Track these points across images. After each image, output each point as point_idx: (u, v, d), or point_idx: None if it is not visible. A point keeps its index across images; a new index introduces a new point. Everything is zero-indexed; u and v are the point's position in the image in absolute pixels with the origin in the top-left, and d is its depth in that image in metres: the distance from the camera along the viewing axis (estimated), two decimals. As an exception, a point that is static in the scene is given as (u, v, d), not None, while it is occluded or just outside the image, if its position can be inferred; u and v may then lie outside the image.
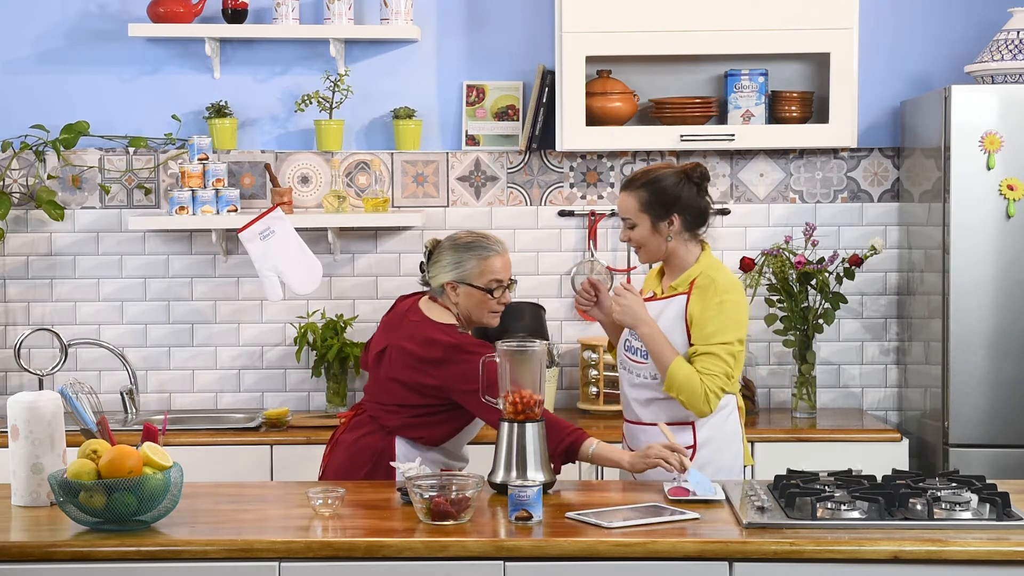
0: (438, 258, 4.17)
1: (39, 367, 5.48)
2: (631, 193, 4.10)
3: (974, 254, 4.92)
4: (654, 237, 4.10)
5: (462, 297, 4.14)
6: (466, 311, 4.16)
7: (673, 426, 4.04)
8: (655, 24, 5.20)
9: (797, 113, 5.37)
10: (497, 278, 4.14)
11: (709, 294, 4.04)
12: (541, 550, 3.37)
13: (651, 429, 4.09)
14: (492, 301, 4.15)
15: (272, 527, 3.56)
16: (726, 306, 4.03)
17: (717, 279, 4.06)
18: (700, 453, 4.06)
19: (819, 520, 3.47)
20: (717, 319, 4.01)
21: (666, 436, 3.83)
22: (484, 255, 4.13)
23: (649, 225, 4.09)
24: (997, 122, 4.90)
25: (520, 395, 3.83)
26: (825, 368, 5.55)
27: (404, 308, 4.25)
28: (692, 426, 4.09)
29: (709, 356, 4.00)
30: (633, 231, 4.12)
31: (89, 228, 5.54)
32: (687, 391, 3.98)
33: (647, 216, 4.08)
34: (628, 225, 4.12)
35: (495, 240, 4.19)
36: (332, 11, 5.37)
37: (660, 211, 4.08)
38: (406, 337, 4.11)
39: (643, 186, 4.10)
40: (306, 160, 5.54)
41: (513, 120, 5.54)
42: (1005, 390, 4.95)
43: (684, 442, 4.05)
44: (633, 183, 4.12)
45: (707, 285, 4.05)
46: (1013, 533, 3.41)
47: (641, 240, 4.11)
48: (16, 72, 5.53)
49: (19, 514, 3.69)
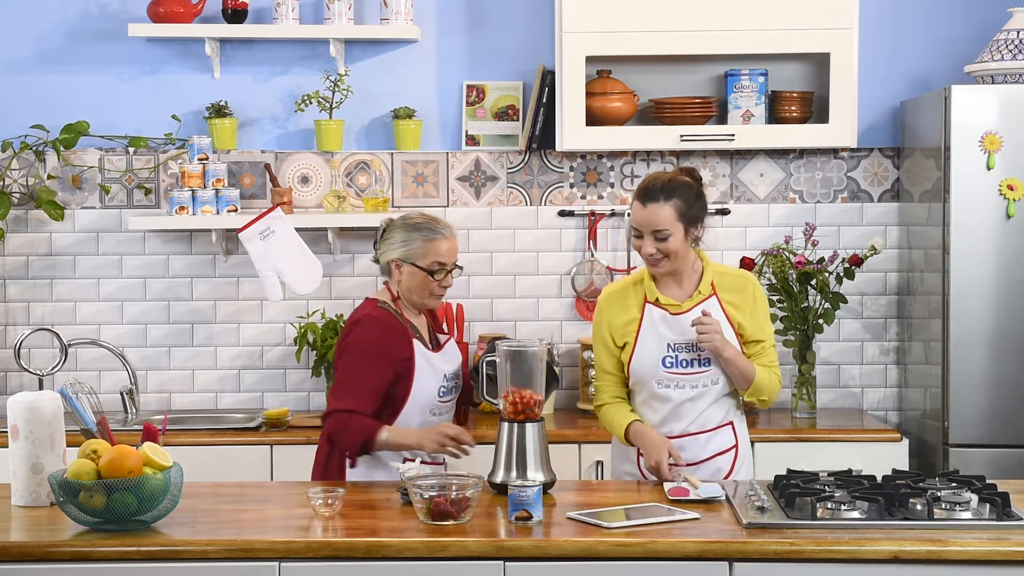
0: (388, 236, 4.23)
1: (39, 367, 5.48)
2: (664, 204, 3.99)
3: (974, 254, 4.92)
4: (684, 245, 4.06)
5: (405, 276, 4.19)
6: (408, 290, 4.21)
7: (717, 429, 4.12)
8: (655, 24, 5.20)
9: (797, 113, 5.37)
10: (441, 260, 4.19)
11: (748, 291, 4.14)
12: (541, 550, 3.37)
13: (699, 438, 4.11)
14: (433, 283, 4.19)
15: (272, 527, 3.57)
16: (766, 302, 4.18)
17: (746, 275, 4.19)
18: (741, 450, 4.17)
19: (819, 520, 3.47)
20: (763, 314, 4.15)
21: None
22: (431, 236, 4.18)
23: (683, 234, 4.03)
24: (997, 122, 4.90)
25: (520, 395, 3.83)
26: (825, 368, 5.55)
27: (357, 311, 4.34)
28: (732, 426, 4.15)
29: (771, 350, 4.14)
30: (667, 242, 4.01)
31: (89, 228, 5.54)
32: (768, 390, 4.11)
33: (683, 225, 4.03)
34: (661, 236, 4.00)
35: (445, 224, 4.24)
36: (332, 11, 5.38)
37: (692, 218, 4.04)
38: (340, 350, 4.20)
39: (676, 195, 4.01)
40: (306, 160, 5.54)
41: (513, 120, 5.54)
42: (1005, 390, 4.95)
43: (727, 443, 4.14)
44: (664, 192, 4.00)
45: (741, 284, 4.14)
46: (1013, 533, 3.41)
47: (674, 249, 4.02)
48: (16, 72, 5.53)
49: (19, 514, 3.69)
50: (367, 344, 4.12)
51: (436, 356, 4.23)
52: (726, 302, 4.10)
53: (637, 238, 4.05)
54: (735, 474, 4.15)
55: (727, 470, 4.14)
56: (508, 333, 5.51)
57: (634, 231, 4.06)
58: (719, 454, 4.13)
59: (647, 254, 4.03)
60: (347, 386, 4.10)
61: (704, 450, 4.11)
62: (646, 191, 4.03)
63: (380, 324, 4.16)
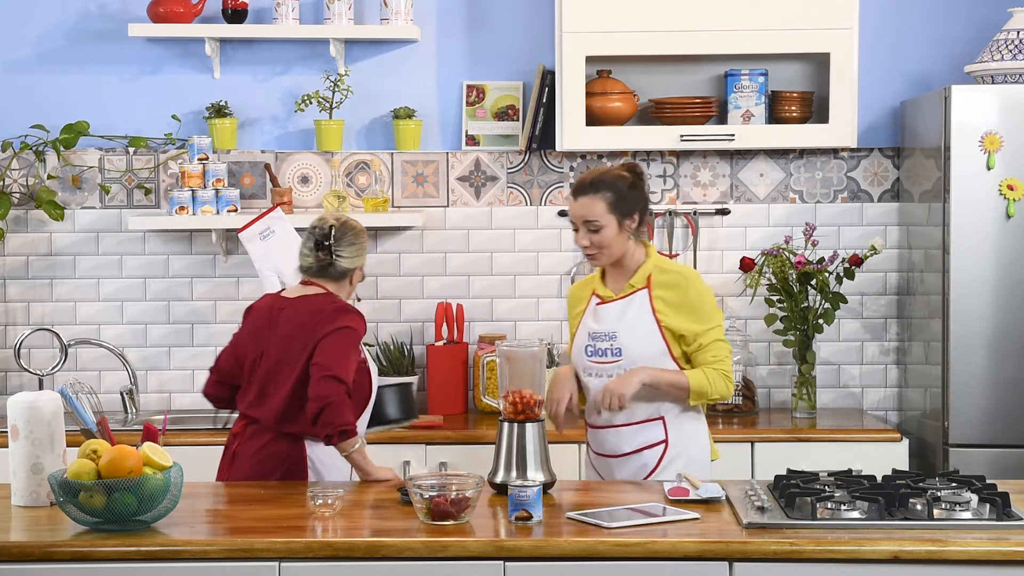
0: (356, 241, 4.25)
1: (39, 367, 5.48)
2: (595, 196, 4.08)
3: (974, 254, 4.92)
4: (619, 237, 4.10)
5: (355, 280, 4.31)
6: (350, 297, 4.33)
7: (645, 423, 4.11)
8: (655, 24, 5.20)
9: (797, 113, 5.37)
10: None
11: (682, 288, 4.11)
12: (541, 550, 3.37)
13: (624, 430, 4.11)
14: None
15: (272, 527, 3.56)
16: (703, 295, 4.12)
17: (684, 273, 4.16)
18: (671, 447, 4.12)
19: (819, 520, 3.47)
20: (701, 309, 4.09)
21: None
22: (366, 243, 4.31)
23: (616, 226, 4.09)
24: (997, 122, 4.90)
25: (520, 395, 3.83)
26: (825, 368, 5.55)
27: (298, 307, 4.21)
28: (663, 420, 4.13)
29: (712, 344, 4.09)
30: (599, 233, 4.08)
31: (89, 228, 5.54)
32: (712, 390, 4.09)
33: (615, 216, 4.08)
34: (592, 228, 4.07)
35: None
36: (332, 11, 5.38)
37: (625, 210, 4.09)
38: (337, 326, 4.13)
39: (607, 187, 4.09)
40: (306, 160, 5.54)
41: (513, 120, 5.54)
42: (1005, 390, 4.95)
43: (656, 437, 4.12)
44: (594, 186, 4.09)
45: (676, 281, 4.12)
46: (1013, 533, 3.41)
47: (607, 241, 4.09)
48: (16, 72, 5.53)
49: (19, 514, 3.69)
50: (359, 331, 4.17)
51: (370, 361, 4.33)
52: (657, 297, 4.10)
53: (575, 231, 4.14)
54: (661, 470, 4.11)
55: (652, 465, 4.11)
56: (508, 333, 5.51)
57: (572, 224, 4.15)
58: (645, 448, 4.11)
59: (581, 246, 4.13)
60: (346, 364, 4.09)
61: (629, 443, 4.11)
62: (579, 185, 4.14)
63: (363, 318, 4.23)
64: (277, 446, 4.16)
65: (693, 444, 4.18)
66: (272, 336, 4.19)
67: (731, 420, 5.27)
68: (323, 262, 4.22)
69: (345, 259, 4.23)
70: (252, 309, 4.32)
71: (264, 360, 4.18)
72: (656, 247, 5.50)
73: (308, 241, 4.25)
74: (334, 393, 4.01)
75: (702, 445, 4.21)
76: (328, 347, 4.08)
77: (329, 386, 4.01)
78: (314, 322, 4.13)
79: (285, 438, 4.15)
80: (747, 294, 5.42)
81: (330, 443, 4.04)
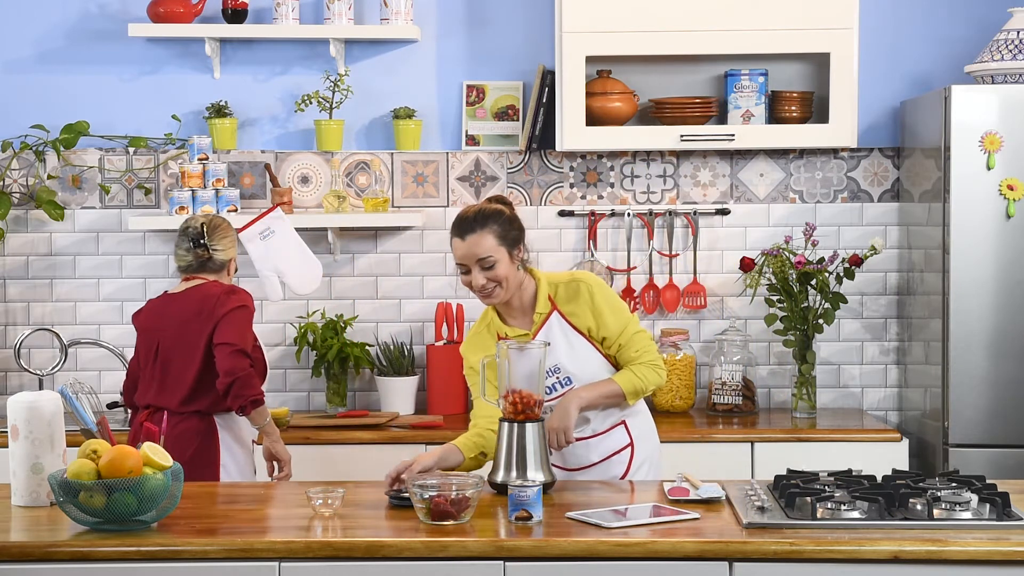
0: (226, 235, 4.59)
1: (39, 367, 5.49)
2: (483, 232, 3.92)
3: (974, 254, 4.92)
4: (511, 269, 3.98)
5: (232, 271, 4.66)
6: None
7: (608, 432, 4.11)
8: (655, 24, 5.20)
9: (797, 113, 5.37)
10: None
11: (584, 296, 4.05)
12: (541, 550, 3.37)
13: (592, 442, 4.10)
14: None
15: (272, 527, 3.57)
16: (606, 293, 4.08)
17: (579, 278, 4.08)
18: (637, 449, 4.13)
19: (819, 520, 3.47)
20: (609, 310, 4.04)
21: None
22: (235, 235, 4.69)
23: (508, 258, 3.97)
24: (997, 122, 4.90)
25: (520, 395, 3.83)
26: (825, 368, 5.55)
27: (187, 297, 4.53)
28: (624, 424, 4.14)
29: (632, 339, 4.05)
30: (493, 269, 3.94)
31: (89, 228, 5.54)
32: (645, 385, 4.04)
33: (505, 249, 3.96)
34: (486, 265, 3.93)
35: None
36: (332, 11, 5.38)
37: (512, 240, 3.98)
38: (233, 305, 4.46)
39: (490, 221, 3.95)
40: (306, 160, 5.54)
41: (513, 120, 5.54)
42: (1005, 390, 4.95)
43: (621, 443, 4.12)
44: (478, 223, 3.93)
45: (576, 289, 4.05)
46: (1013, 533, 3.41)
47: (503, 275, 3.96)
48: (16, 72, 5.53)
49: (19, 514, 3.69)
50: (252, 309, 4.52)
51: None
52: (567, 313, 4.05)
53: (465, 274, 3.99)
54: (633, 473, 4.12)
55: (623, 470, 4.11)
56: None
57: (460, 268, 3.99)
58: (612, 455, 4.11)
59: (478, 286, 3.97)
60: (247, 339, 4.44)
61: (595, 452, 4.10)
62: (460, 224, 3.97)
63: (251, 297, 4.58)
64: (188, 423, 4.45)
65: (650, 443, 4.20)
66: (165, 329, 4.51)
67: (731, 420, 5.27)
68: (201, 258, 4.55)
69: (220, 251, 4.57)
70: (139, 312, 4.65)
71: (160, 353, 4.51)
72: (656, 246, 5.51)
73: (183, 242, 4.57)
74: (242, 367, 4.36)
75: (656, 445, 4.24)
76: (229, 325, 4.42)
77: (237, 360, 4.36)
78: (209, 305, 4.46)
79: (194, 416, 4.46)
80: (747, 294, 5.42)
81: (243, 413, 4.40)
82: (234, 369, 4.35)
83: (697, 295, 5.52)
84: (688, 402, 5.42)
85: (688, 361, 5.40)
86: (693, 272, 5.54)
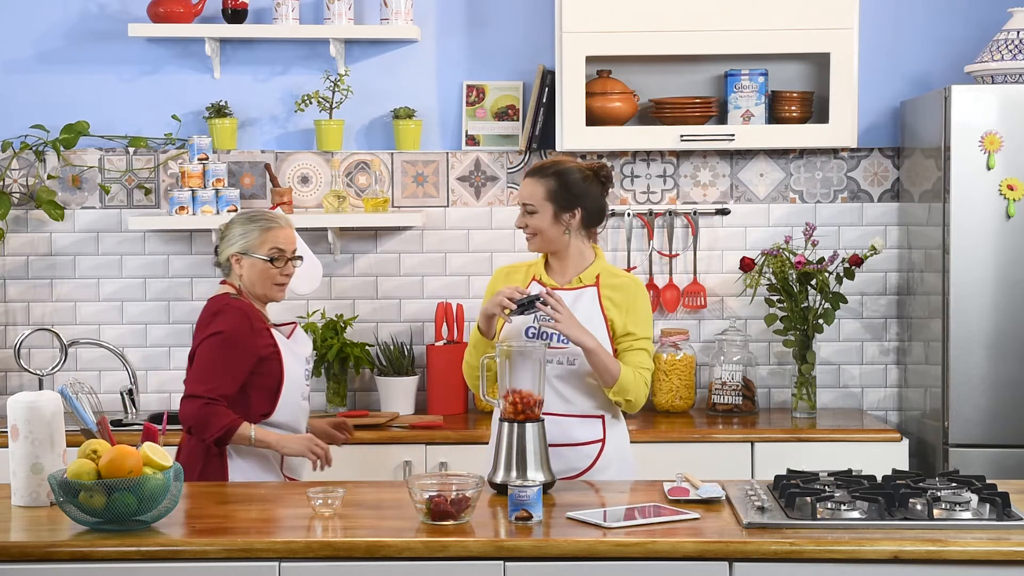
0: (226, 233, 4.29)
1: (39, 367, 5.48)
2: (538, 180, 4.12)
3: (974, 254, 4.92)
4: (553, 227, 4.11)
5: (246, 269, 4.25)
6: (251, 284, 4.27)
7: (585, 418, 4.13)
8: (655, 24, 5.20)
9: (797, 113, 5.37)
10: (279, 247, 4.26)
11: (632, 293, 4.14)
12: (541, 550, 3.37)
13: (564, 421, 4.11)
14: (275, 271, 4.26)
15: (272, 527, 3.57)
16: (647, 306, 4.18)
17: (635, 280, 4.20)
18: (607, 447, 4.14)
19: (819, 520, 3.47)
20: (642, 316, 4.13)
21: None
22: (268, 226, 4.26)
23: (551, 214, 4.11)
24: (997, 122, 4.90)
25: (520, 395, 3.83)
26: (825, 368, 5.55)
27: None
28: (602, 419, 4.15)
29: (641, 352, 4.11)
30: (532, 217, 4.12)
31: (89, 228, 5.54)
32: (633, 391, 4.07)
33: (551, 205, 4.10)
34: (528, 211, 4.12)
35: (281, 216, 4.35)
36: (332, 11, 5.38)
37: (564, 202, 4.11)
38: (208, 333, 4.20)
39: (552, 175, 4.12)
40: (306, 160, 5.54)
41: (513, 120, 5.54)
42: (1005, 390, 4.95)
43: (594, 435, 4.14)
44: (542, 171, 4.13)
45: (626, 284, 4.16)
46: (1013, 533, 3.41)
47: (539, 228, 4.12)
48: (16, 72, 5.53)
49: (19, 514, 3.69)
50: (233, 330, 4.17)
51: (291, 341, 4.34)
52: (606, 297, 4.12)
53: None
54: (598, 468, 4.12)
55: (590, 461, 4.12)
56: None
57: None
58: (584, 444, 4.12)
59: (517, 225, 4.18)
60: (208, 372, 4.13)
61: (567, 435, 4.10)
62: (533, 167, 4.17)
63: (243, 311, 4.22)
64: (191, 443, 4.23)
65: (622, 442, 4.22)
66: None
67: (731, 420, 5.27)
68: (216, 260, 4.35)
69: (222, 250, 4.29)
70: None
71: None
72: (656, 246, 5.52)
73: None
74: (191, 414, 4.09)
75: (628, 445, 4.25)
76: (197, 360, 4.19)
77: (186, 407, 4.11)
78: (196, 329, 4.26)
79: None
80: (747, 294, 5.42)
81: (221, 447, 4.15)
82: (184, 418, 4.12)
83: (697, 295, 5.52)
84: (688, 402, 5.42)
85: (688, 361, 5.40)
86: (693, 272, 5.54)
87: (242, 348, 4.18)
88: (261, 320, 4.28)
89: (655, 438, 5.01)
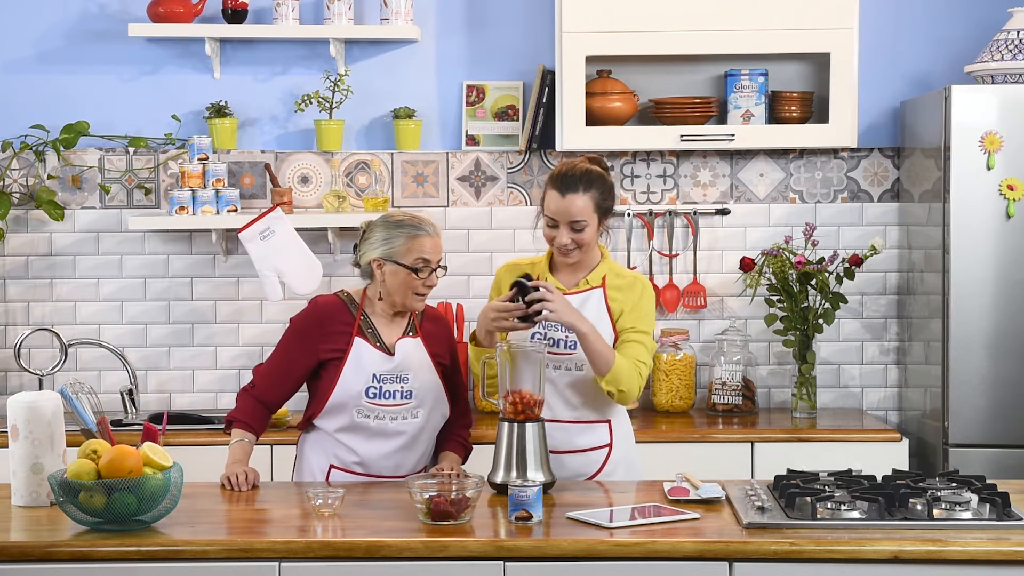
0: (368, 235, 4.08)
1: (39, 367, 5.49)
2: (582, 194, 3.96)
3: (974, 254, 4.92)
4: (596, 236, 4.07)
5: (388, 275, 4.03)
6: (390, 290, 4.05)
7: (591, 423, 4.10)
8: (655, 24, 5.20)
9: (797, 113, 5.37)
10: (425, 257, 4.01)
11: (637, 289, 4.10)
12: (541, 550, 3.37)
13: (572, 428, 4.10)
14: (417, 281, 4.01)
15: (272, 527, 3.57)
16: (651, 304, 4.12)
17: (640, 279, 4.14)
18: (616, 449, 4.13)
19: (819, 520, 3.47)
20: (644, 312, 4.08)
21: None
22: (414, 233, 4.02)
23: (597, 225, 4.03)
24: (997, 122, 4.90)
25: (520, 395, 3.83)
26: (825, 368, 5.55)
27: None
28: (608, 424, 4.13)
29: (638, 344, 4.04)
30: (583, 232, 3.99)
31: (89, 228, 5.54)
32: (627, 381, 3.96)
33: (597, 216, 4.02)
34: (577, 227, 3.97)
35: (428, 222, 4.07)
36: (332, 11, 5.38)
37: (605, 210, 4.05)
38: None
39: (594, 186, 4.00)
40: (306, 160, 5.54)
41: (513, 120, 5.54)
42: (1005, 390, 4.95)
43: (601, 440, 4.12)
44: (582, 183, 3.98)
45: (632, 282, 4.11)
46: (1013, 533, 3.41)
47: (588, 240, 4.01)
48: (16, 72, 5.53)
49: (19, 514, 3.69)
50: (301, 322, 4.11)
51: (378, 356, 4.06)
52: (612, 299, 4.08)
53: (551, 227, 4.00)
54: (605, 473, 4.11)
55: (597, 467, 4.11)
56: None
57: (548, 220, 4.00)
58: (591, 449, 4.11)
59: (560, 244, 3.99)
60: (270, 359, 4.17)
61: (574, 442, 4.09)
62: (564, 180, 3.99)
63: (322, 308, 4.11)
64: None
65: (628, 443, 4.20)
66: None
67: (731, 420, 5.27)
68: (354, 260, 4.16)
69: (362, 252, 4.09)
70: None
71: None
72: (656, 246, 5.52)
73: None
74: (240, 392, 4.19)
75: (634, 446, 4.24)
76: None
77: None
78: None
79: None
80: (747, 294, 5.42)
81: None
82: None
83: (697, 295, 5.52)
84: (688, 402, 5.42)
85: (688, 361, 5.41)
86: (693, 272, 5.54)
87: (299, 346, 4.08)
88: (344, 324, 4.08)
89: (655, 438, 5.01)
